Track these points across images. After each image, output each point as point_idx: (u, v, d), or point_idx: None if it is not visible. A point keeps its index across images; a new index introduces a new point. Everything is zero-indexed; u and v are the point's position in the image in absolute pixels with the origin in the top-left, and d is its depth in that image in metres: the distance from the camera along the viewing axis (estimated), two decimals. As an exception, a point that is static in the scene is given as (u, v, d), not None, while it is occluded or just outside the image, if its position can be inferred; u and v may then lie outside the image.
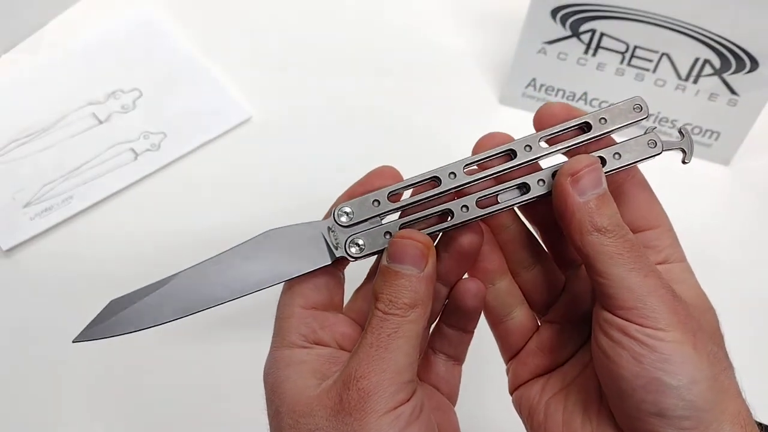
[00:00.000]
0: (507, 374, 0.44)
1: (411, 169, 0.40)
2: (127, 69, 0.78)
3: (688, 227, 0.71)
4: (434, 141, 0.75)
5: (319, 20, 0.84)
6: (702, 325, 0.36)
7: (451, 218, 0.39)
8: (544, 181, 0.38)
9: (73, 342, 0.39)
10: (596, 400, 0.38)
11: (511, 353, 0.43)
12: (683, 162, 0.39)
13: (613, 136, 0.39)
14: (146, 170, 0.72)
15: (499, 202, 0.39)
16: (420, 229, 0.38)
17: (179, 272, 0.39)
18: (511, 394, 0.44)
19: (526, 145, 0.38)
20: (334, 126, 0.77)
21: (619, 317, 0.35)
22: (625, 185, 0.39)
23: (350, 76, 0.80)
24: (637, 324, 0.34)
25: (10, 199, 0.70)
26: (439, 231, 0.39)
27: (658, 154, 0.38)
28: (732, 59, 0.68)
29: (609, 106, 0.38)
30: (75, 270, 0.68)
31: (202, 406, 0.63)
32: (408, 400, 0.35)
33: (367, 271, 0.43)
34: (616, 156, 0.38)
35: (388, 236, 0.38)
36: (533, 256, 0.42)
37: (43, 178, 0.71)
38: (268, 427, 0.38)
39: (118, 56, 0.79)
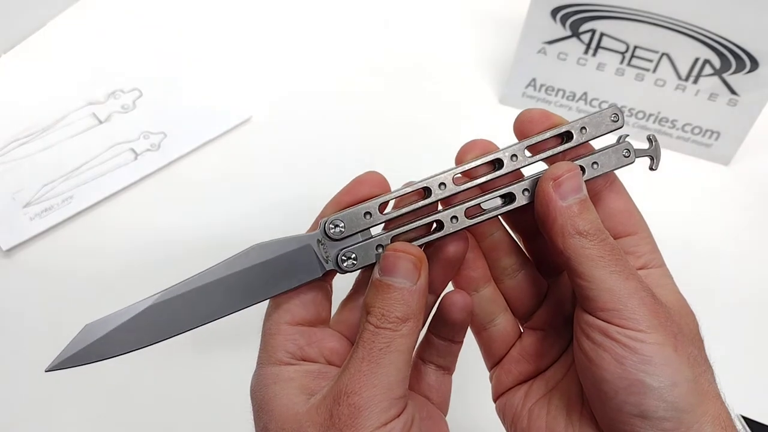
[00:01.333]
0: (490, 382, 0.44)
1: (411, 169, 0.40)
2: (127, 69, 0.79)
3: (688, 226, 0.72)
4: (434, 141, 0.75)
5: (319, 21, 0.84)
6: (682, 328, 0.36)
7: (442, 229, 0.38)
8: (528, 190, 0.38)
9: (46, 371, 0.36)
10: (579, 403, 0.38)
11: (494, 360, 0.43)
12: (650, 168, 0.40)
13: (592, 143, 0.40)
14: (146, 170, 0.73)
15: (485, 211, 0.39)
16: (410, 240, 0.38)
17: (159, 292, 0.37)
18: (495, 401, 0.43)
19: (513, 155, 0.39)
20: (334, 126, 0.77)
21: (601, 319, 0.35)
22: (603, 193, 0.39)
23: (350, 76, 0.80)
24: (618, 326, 0.34)
25: (10, 199, 0.70)
26: (430, 242, 0.39)
27: (632, 162, 0.39)
28: (732, 59, 0.67)
29: (589, 115, 0.39)
30: (75, 270, 0.68)
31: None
32: (399, 415, 0.35)
33: (353, 282, 0.42)
34: (594, 165, 0.39)
35: (380, 249, 0.38)
36: (517, 263, 0.42)
37: (43, 178, 0.71)
38: None
39: (118, 57, 0.80)
